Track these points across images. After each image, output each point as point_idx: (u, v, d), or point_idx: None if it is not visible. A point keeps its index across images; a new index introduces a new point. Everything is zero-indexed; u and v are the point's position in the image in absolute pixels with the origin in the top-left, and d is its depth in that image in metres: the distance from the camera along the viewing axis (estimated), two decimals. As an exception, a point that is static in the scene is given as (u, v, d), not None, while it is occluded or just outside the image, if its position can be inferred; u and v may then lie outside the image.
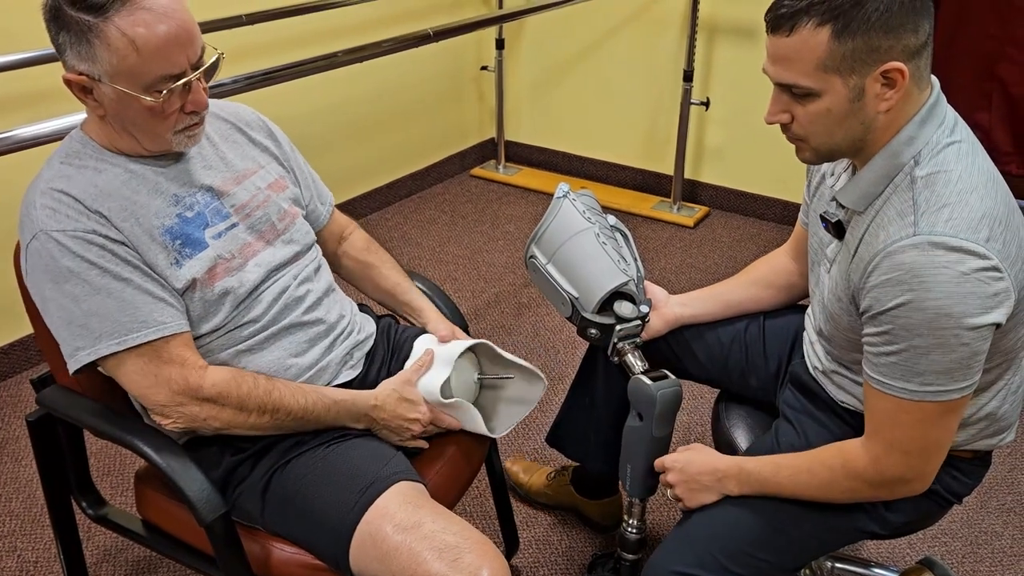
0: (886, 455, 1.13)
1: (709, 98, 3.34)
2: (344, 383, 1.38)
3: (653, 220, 3.49)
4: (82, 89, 1.13)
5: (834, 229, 1.20)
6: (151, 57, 1.09)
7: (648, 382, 1.33)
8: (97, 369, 1.19)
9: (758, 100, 1.34)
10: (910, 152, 1.10)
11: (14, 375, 2.45)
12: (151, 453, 1.18)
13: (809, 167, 1.34)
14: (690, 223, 3.43)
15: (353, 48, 2.03)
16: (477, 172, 3.94)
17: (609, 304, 1.39)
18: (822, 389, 1.33)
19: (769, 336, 1.51)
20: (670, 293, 1.56)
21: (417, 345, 1.45)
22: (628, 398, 1.36)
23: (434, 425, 1.38)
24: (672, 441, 1.40)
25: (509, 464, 2.00)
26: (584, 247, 1.41)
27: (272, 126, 1.43)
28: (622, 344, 1.40)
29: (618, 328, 1.38)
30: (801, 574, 1.62)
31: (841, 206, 1.18)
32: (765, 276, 1.54)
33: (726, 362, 1.53)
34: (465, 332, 1.52)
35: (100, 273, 1.14)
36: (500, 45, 3.65)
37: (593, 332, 1.39)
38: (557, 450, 1.75)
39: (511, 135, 4.00)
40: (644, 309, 1.40)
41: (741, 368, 1.52)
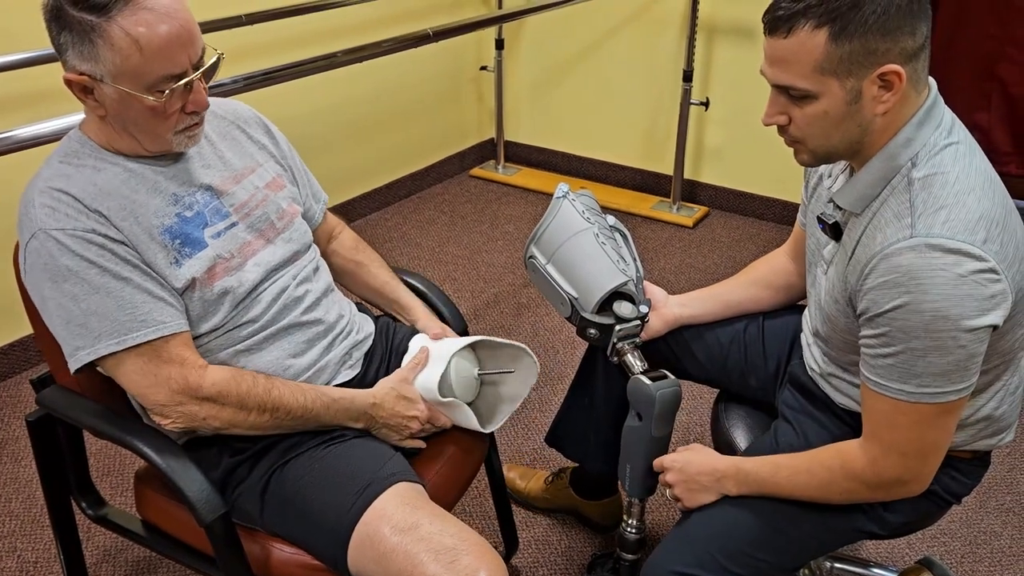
0: (884, 457, 1.13)
1: (709, 98, 3.34)
2: (343, 383, 1.38)
3: (652, 220, 3.49)
4: (83, 89, 1.13)
5: (831, 231, 1.20)
6: (154, 57, 1.09)
7: (647, 382, 1.33)
8: (97, 369, 1.19)
9: (758, 100, 1.34)
10: (907, 154, 1.10)
11: (14, 375, 2.45)
12: (151, 453, 1.18)
13: (807, 168, 1.34)
14: (689, 223, 3.43)
15: (353, 48, 2.03)
16: (476, 172, 3.94)
17: (608, 304, 1.39)
18: (820, 390, 1.34)
19: (768, 336, 1.51)
20: (669, 293, 1.56)
21: (412, 344, 1.45)
22: (627, 398, 1.37)
23: (431, 424, 1.38)
24: (672, 441, 1.40)
25: (505, 471, 1.98)
26: (583, 247, 1.41)
27: (269, 124, 1.43)
28: (621, 344, 1.40)
29: (617, 328, 1.38)
30: (800, 574, 1.62)
31: (838, 207, 1.18)
32: (764, 276, 1.55)
33: (725, 362, 1.53)
34: (465, 334, 1.53)
35: (99, 272, 1.14)
36: (500, 45, 3.65)
37: (592, 332, 1.39)
38: (557, 450, 1.75)
39: (510, 135, 4.00)
40: (643, 309, 1.40)
41: (740, 368, 1.52)
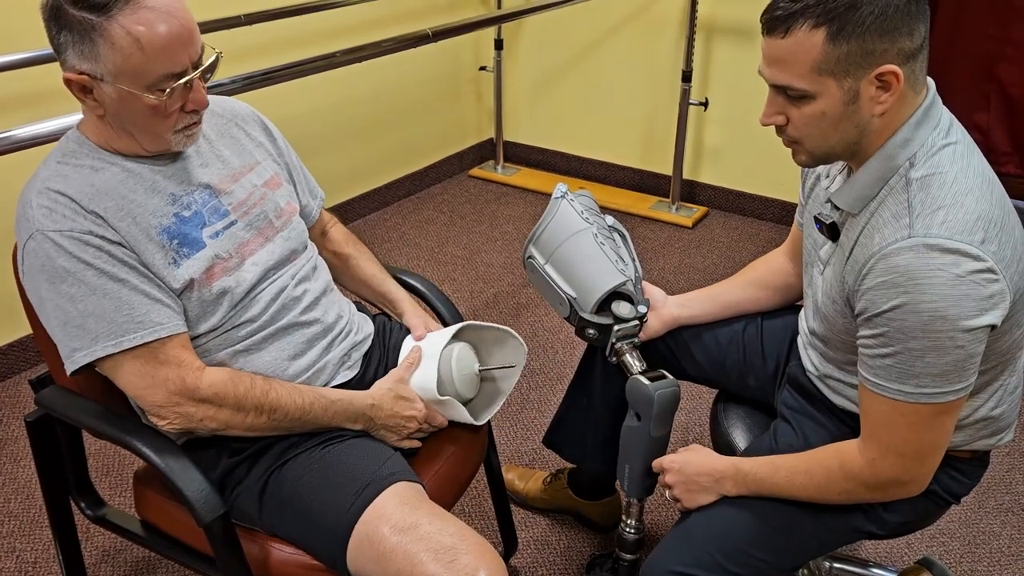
0: (882, 458, 1.13)
1: (707, 98, 3.34)
2: (341, 384, 1.38)
3: (651, 220, 3.49)
4: (82, 89, 1.12)
5: (828, 231, 1.20)
6: (155, 56, 1.09)
7: (646, 382, 1.33)
8: (95, 370, 1.19)
9: (756, 100, 1.34)
10: (905, 154, 1.10)
11: (13, 375, 2.45)
12: (150, 454, 1.18)
13: (804, 168, 1.34)
14: (688, 223, 3.43)
15: (352, 48, 2.03)
16: (475, 172, 3.94)
17: (607, 304, 1.39)
18: (819, 391, 1.33)
19: (767, 337, 1.51)
20: (669, 293, 1.56)
21: (405, 344, 1.45)
22: (626, 398, 1.37)
23: (428, 423, 1.38)
24: (671, 441, 1.40)
25: (504, 471, 1.98)
26: (582, 247, 1.41)
27: (267, 122, 1.43)
28: (620, 344, 1.40)
29: (616, 328, 1.38)
30: (799, 574, 1.62)
31: (836, 208, 1.18)
32: (763, 277, 1.55)
33: (724, 363, 1.53)
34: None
35: (97, 274, 1.14)
36: (499, 45, 3.66)
37: (591, 332, 1.39)
38: (554, 451, 1.75)
39: (509, 135, 4.00)
40: (642, 309, 1.40)
41: (739, 368, 1.52)
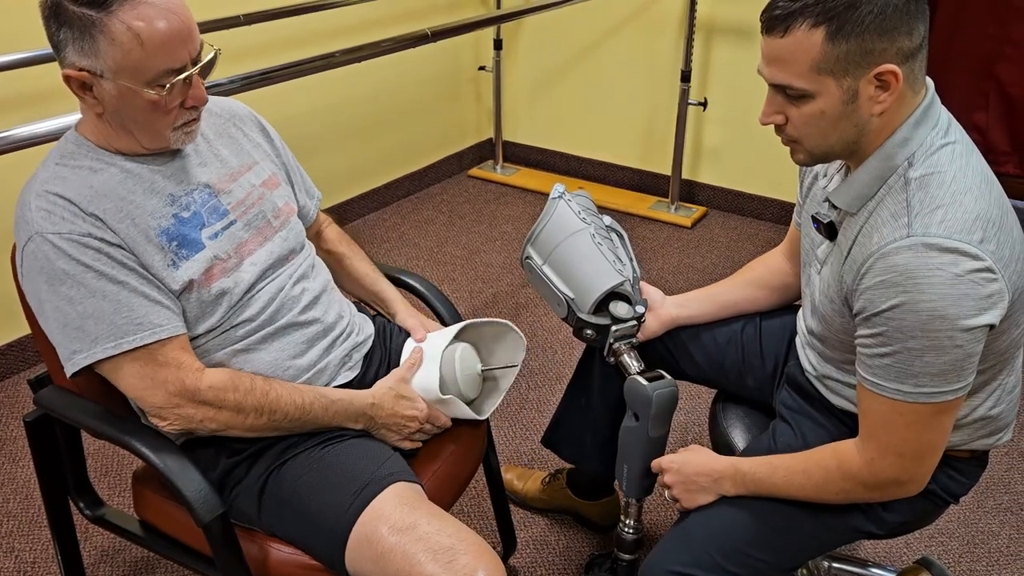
0: (880, 457, 1.13)
1: (707, 98, 3.34)
2: (342, 384, 1.38)
3: (650, 220, 3.49)
4: (82, 86, 1.12)
5: (826, 230, 1.20)
6: (155, 51, 1.09)
7: (644, 382, 1.33)
8: (94, 371, 1.19)
9: (755, 100, 1.34)
10: (904, 154, 1.10)
11: (11, 376, 2.45)
12: (149, 454, 1.18)
13: (802, 168, 1.34)
14: (687, 223, 3.43)
15: (351, 48, 2.03)
16: (475, 172, 3.94)
17: (605, 305, 1.39)
18: (817, 391, 1.34)
19: (765, 336, 1.51)
20: (668, 293, 1.56)
21: (407, 346, 1.45)
22: (624, 399, 1.37)
23: (431, 423, 1.38)
24: (669, 441, 1.40)
25: (503, 472, 1.98)
26: (580, 248, 1.41)
27: (264, 122, 1.43)
28: (618, 344, 1.40)
29: (614, 329, 1.38)
30: (798, 574, 1.62)
31: (834, 207, 1.18)
32: (761, 277, 1.55)
33: (723, 363, 1.53)
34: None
35: (96, 276, 1.14)
36: (498, 45, 3.66)
37: (589, 333, 1.39)
38: (553, 451, 1.75)
39: (509, 135, 4.00)
40: (640, 309, 1.40)
41: (738, 369, 1.52)
